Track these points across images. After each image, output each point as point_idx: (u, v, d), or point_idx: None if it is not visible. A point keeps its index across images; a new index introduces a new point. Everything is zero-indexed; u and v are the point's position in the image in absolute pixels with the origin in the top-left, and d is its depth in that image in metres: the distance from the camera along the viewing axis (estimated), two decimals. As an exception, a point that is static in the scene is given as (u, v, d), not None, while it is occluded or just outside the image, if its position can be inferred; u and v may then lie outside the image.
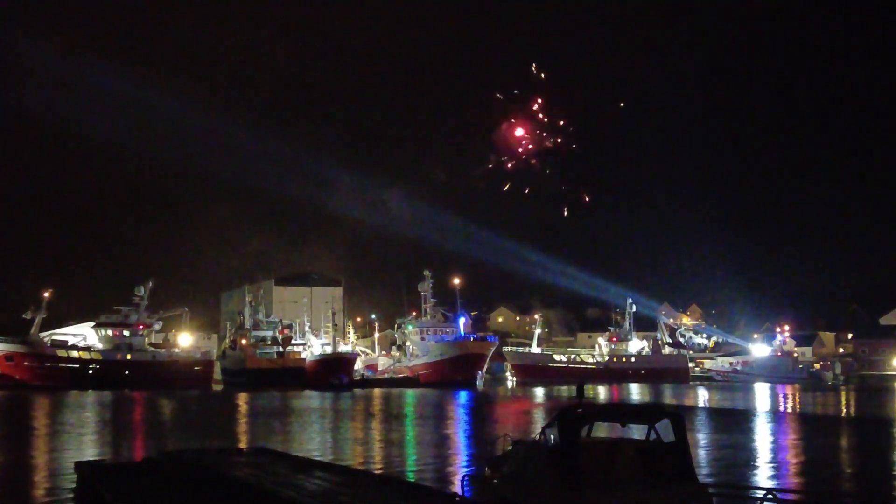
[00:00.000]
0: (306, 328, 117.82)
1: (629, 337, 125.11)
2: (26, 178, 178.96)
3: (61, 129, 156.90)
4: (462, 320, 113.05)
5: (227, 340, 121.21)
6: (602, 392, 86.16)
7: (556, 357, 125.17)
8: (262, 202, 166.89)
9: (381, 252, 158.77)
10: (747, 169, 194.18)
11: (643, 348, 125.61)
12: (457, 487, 20.87)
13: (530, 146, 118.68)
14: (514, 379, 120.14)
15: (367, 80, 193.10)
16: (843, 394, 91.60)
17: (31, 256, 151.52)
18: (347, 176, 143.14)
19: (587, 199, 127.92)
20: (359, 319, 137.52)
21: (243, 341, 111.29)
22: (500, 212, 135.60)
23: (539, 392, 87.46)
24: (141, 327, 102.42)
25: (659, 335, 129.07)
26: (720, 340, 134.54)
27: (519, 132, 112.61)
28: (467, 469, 25.83)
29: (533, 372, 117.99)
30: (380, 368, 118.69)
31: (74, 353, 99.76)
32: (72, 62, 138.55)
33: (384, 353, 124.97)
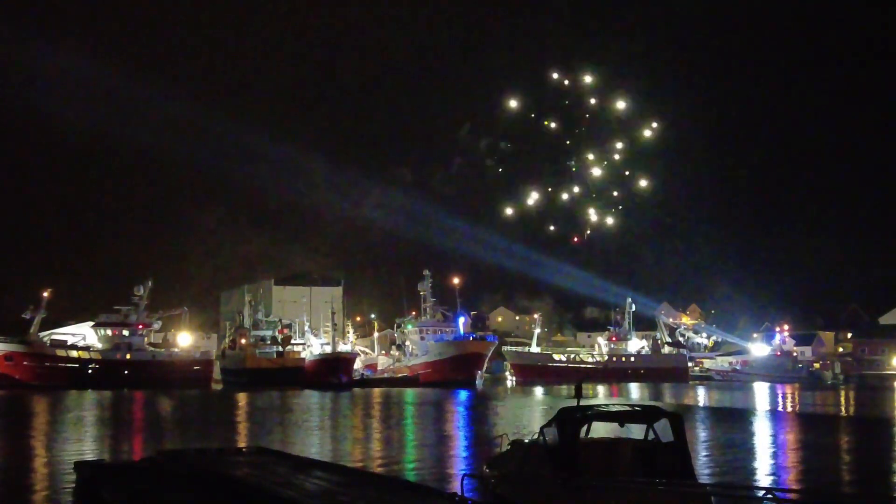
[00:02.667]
0: (306, 328, 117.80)
1: (629, 336, 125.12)
2: (25, 177, 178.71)
3: (61, 128, 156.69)
4: (461, 320, 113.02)
5: (227, 340, 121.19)
6: (601, 392, 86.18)
7: (556, 357, 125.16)
8: (261, 202, 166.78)
9: (380, 252, 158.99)
10: (747, 168, 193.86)
11: (643, 348, 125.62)
12: (456, 487, 20.88)
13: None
14: (514, 378, 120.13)
15: (352, 80, 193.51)
16: (843, 393, 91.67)
17: (31, 256, 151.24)
18: (345, 174, 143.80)
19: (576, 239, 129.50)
20: (358, 319, 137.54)
21: (243, 341, 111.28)
22: (498, 210, 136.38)
23: (538, 391, 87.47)
24: (140, 327, 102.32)
25: (658, 335, 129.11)
26: (719, 340, 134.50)
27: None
28: (467, 468, 25.85)
29: (532, 371, 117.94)
30: (379, 368, 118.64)
31: (74, 353, 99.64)
32: (72, 60, 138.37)
33: (384, 352, 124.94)
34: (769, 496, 13.02)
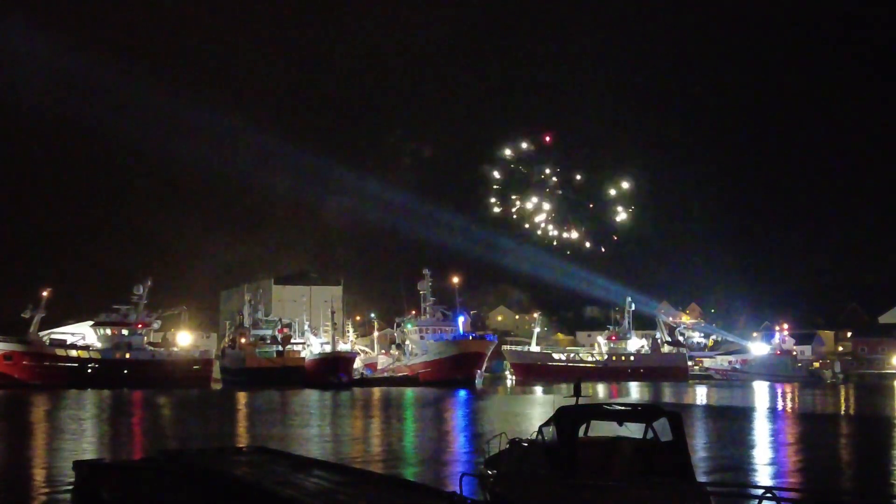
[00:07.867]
0: (305, 327, 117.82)
1: (628, 335, 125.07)
2: (25, 176, 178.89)
3: (60, 128, 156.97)
4: (461, 319, 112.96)
5: (227, 339, 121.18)
6: (601, 391, 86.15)
7: (556, 356, 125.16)
8: (261, 201, 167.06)
9: (380, 251, 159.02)
10: (746, 168, 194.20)
11: (642, 347, 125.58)
12: (455, 486, 20.89)
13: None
14: (514, 378, 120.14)
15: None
16: (843, 392, 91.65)
17: (30, 255, 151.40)
18: (344, 172, 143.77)
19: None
20: (358, 318, 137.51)
21: (242, 340, 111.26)
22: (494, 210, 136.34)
23: (538, 390, 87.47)
24: (140, 326, 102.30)
25: (658, 334, 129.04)
26: (719, 339, 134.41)
27: None
28: (465, 468, 25.86)
29: (532, 371, 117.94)
30: (379, 367, 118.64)
31: (73, 352, 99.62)
32: (70, 57, 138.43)
33: (383, 351, 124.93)
34: (769, 495, 13.00)
